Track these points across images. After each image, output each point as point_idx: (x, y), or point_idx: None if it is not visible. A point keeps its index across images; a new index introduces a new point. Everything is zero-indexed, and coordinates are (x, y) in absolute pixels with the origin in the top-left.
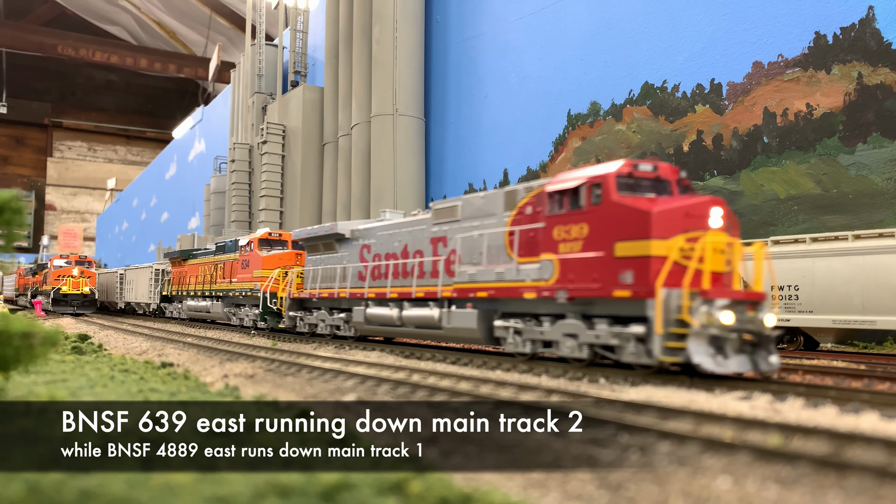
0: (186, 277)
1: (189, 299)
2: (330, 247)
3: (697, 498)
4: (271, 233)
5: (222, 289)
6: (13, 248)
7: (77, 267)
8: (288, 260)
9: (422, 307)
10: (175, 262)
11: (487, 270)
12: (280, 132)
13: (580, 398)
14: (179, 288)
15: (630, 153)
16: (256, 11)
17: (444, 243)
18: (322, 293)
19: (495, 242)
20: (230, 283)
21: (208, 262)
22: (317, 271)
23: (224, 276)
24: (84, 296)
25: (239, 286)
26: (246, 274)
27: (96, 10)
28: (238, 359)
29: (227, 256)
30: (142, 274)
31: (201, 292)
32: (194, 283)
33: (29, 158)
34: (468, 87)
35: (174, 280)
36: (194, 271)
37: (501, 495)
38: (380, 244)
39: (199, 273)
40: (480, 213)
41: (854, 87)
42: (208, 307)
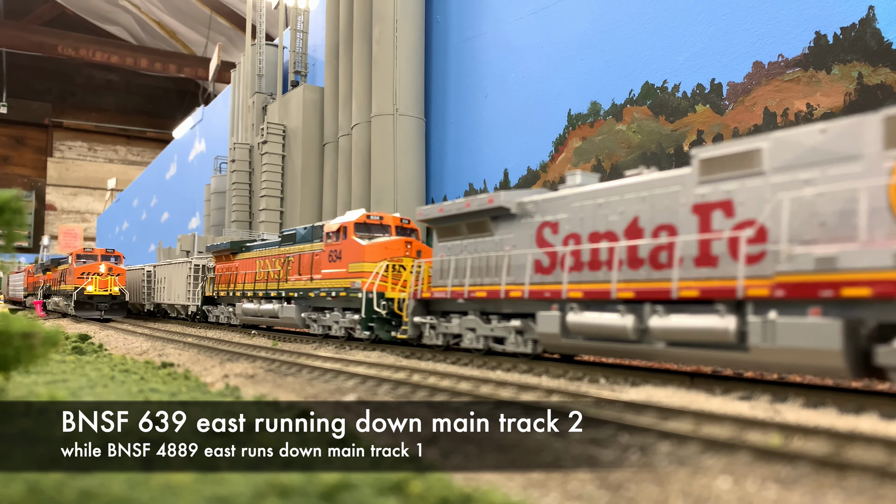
0: (238, 274)
1: (245, 301)
2: (480, 228)
3: (697, 498)
4: (370, 215)
5: (297, 288)
6: (13, 248)
7: (104, 263)
8: (396, 250)
9: (692, 314)
10: (221, 257)
11: (866, 251)
12: (280, 132)
13: (580, 398)
14: (229, 287)
15: (630, 153)
16: (256, 11)
17: (726, 211)
18: (474, 292)
19: (878, 202)
20: (309, 281)
21: (271, 256)
22: (458, 262)
23: (299, 272)
24: (113, 297)
25: (325, 284)
26: (336, 268)
27: (96, 10)
28: (238, 359)
29: (300, 247)
30: (177, 271)
31: (263, 293)
32: (250, 281)
33: (29, 158)
34: (468, 87)
35: (220, 278)
36: (248, 266)
37: (501, 495)
38: (576, 220)
39: (258, 269)
40: (818, 158)
41: (854, 87)
42: (275, 311)
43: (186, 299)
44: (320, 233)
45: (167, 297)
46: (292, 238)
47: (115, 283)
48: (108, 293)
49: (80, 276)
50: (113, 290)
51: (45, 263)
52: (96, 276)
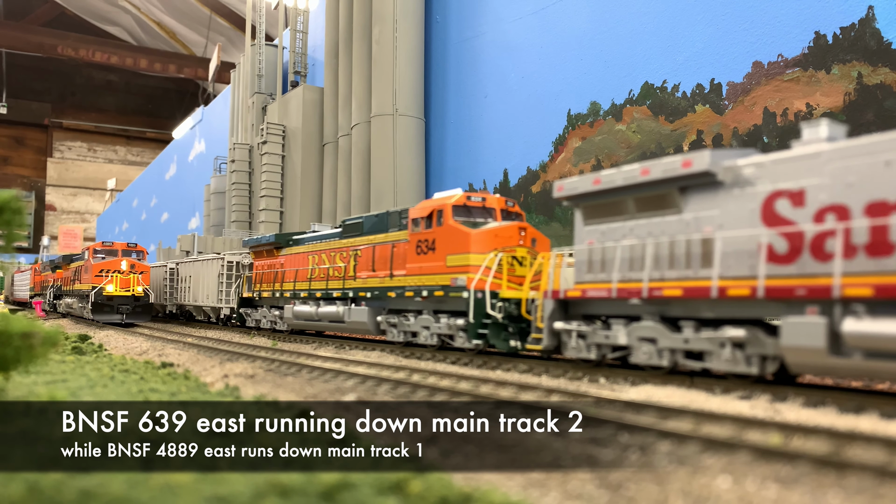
0: (284, 272)
1: (297, 303)
2: (659, 203)
3: (697, 497)
4: (470, 195)
5: (370, 286)
6: (13, 248)
7: (125, 259)
8: (509, 238)
9: None
10: (262, 253)
11: None
12: (280, 132)
13: (580, 398)
14: (273, 287)
15: (630, 153)
16: (256, 12)
17: None
18: (659, 289)
19: None
20: (388, 279)
21: (330, 250)
22: (627, 251)
23: (372, 268)
24: (136, 299)
25: (411, 282)
26: (428, 262)
27: (96, 11)
28: (238, 359)
29: (371, 238)
30: (206, 269)
31: (322, 293)
32: (303, 279)
33: (29, 159)
34: (468, 87)
35: (260, 276)
36: (298, 262)
37: (501, 495)
38: (840, 186)
39: (312, 265)
40: None
41: (854, 86)
42: (338, 314)
43: (218, 301)
44: (400, 219)
45: (193, 299)
46: (357, 228)
47: (139, 281)
48: (131, 294)
49: (98, 274)
50: (136, 290)
51: (56, 260)
52: (117, 275)
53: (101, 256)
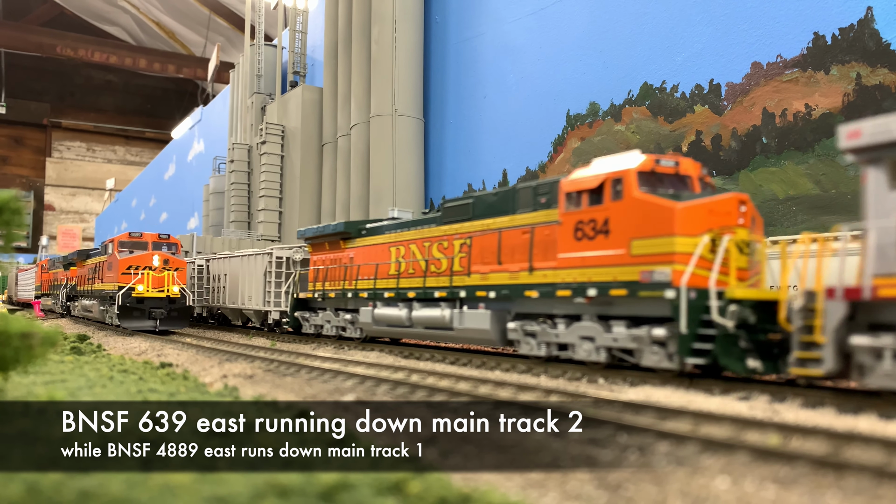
0: (356, 268)
1: (378, 305)
2: None
3: (696, 498)
4: (659, 159)
5: (494, 284)
6: (12, 248)
7: (157, 253)
8: (727, 215)
9: None
10: (323, 245)
11: None
12: (279, 132)
13: (579, 398)
14: (340, 286)
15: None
16: (255, 12)
17: None
18: None
19: None
20: (525, 274)
21: (421, 239)
22: None
23: (498, 260)
24: (171, 301)
25: (566, 277)
26: (597, 250)
27: (95, 11)
28: (237, 359)
29: (490, 223)
30: (247, 266)
31: (419, 292)
32: (384, 275)
33: (28, 159)
34: (467, 87)
35: (321, 273)
36: (376, 256)
37: (500, 495)
38: None
39: (396, 258)
40: None
41: (853, 87)
42: (443, 319)
43: (264, 303)
44: (536, 196)
45: (230, 300)
46: (465, 210)
47: (174, 279)
48: (166, 294)
49: (126, 272)
50: (171, 290)
51: (70, 256)
52: (148, 272)
53: (129, 250)
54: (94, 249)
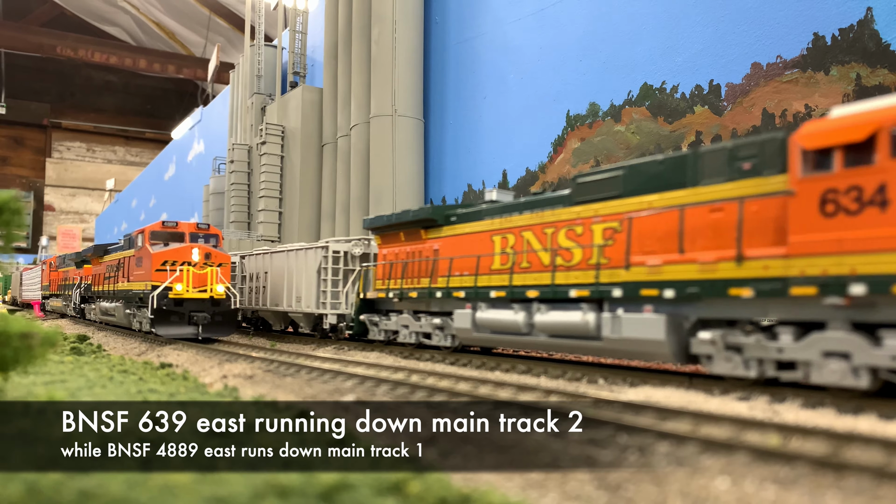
0: (449, 262)
1: (482, 307)
2: None
3: (696, 498)
4: None
5: (671, 280)
6: (12, 248)
7: (197, 246)
8: None
9: None
10: (396, 236)
11: None
12: (279, 133)
13: (579, 399)
14: (422, 284)
15: (629, 154)
16: (255, 12)
17: None
18: None
19: None
20: (730, 265)
21: (541, 225)
22: None
23: (678, 248)
24: (214, 303)
25: (810, 267)
26: (868, 228)
27: (95, 11)
28: (237, 359)
29: (656, 199)
30: (296, 262)
31: (544, 290)
32: (485, 270)
33: (28, 159)
34: (467, 87)
35: (396, 269)
36: (474, 246)
37: (500, 495)
38: None
39: (503, 249)
40: None
41: (853, 88)
42: (584, 325)
43: (317, 305)
44: (732, 162)
45: (272, 302)
46: (611, 185)
47: (219, 278)
48: (209, 295)
49: (160, 268)
50: (215, 290)
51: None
52: (188, 268)
53: (162, 242)
54: (113, 244)
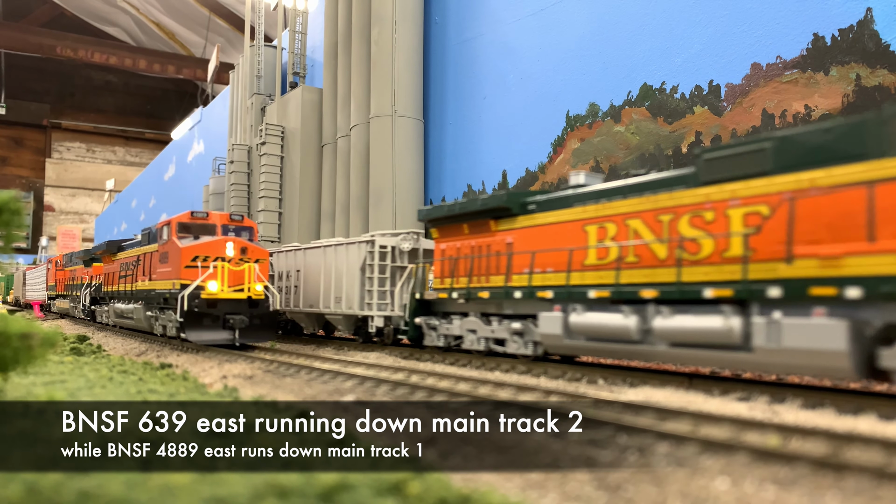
0: (515, 257)
1: (576, 309)
2: None
3: (696, 498)
4: None
5: (849, 277)
6: (12, 248)
7: (233, 240)
8: None
9: None
10: (458, 229)
11: None
12: (279, 133)
13: (579, 399)
14: (492, 283)
15: (629, 155)
16: (255, 13)
17: None
18: None
19: None
20: None
21: (644, 212)
22: None
23: (826, 237)
24: (251, 303)
25: None
26: None
27: (95, 12)
28: (237, 360)
29: (809, 178)
30: (335, 259)
31: (675, 290)
32: (578, 266)
33: (27, 159)
34: (467, 88)
35: (450, 266)
36: (562, 239)
37: (500, 496)
38: None
39: (594, 241)
40: None
41: (852, 88)
42: (728, 332)
43: (362, 306)
44: None
45: (305, 303)
46: (755, 161)
47: (257, 275)
48: (247, 296)
49: (191, 264)
50: (253, 289)
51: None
52: (222, 264)
53: (192, 235)
54: (127, 240)
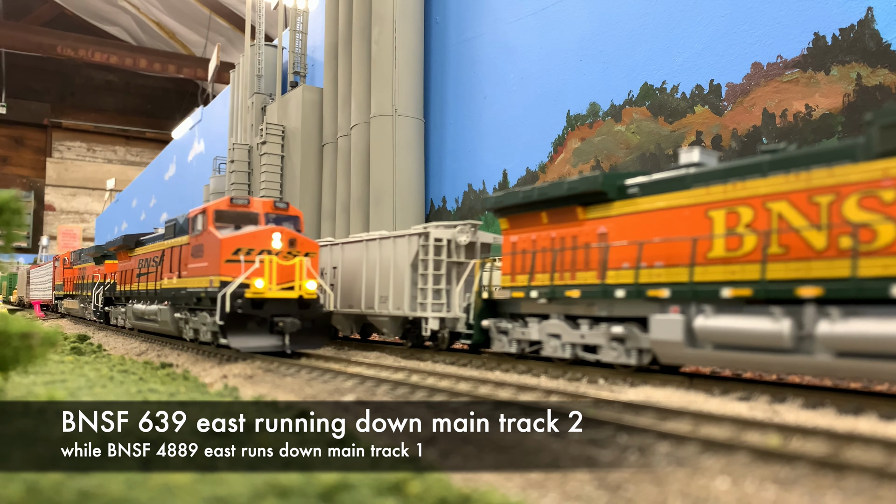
0: (614, 250)
1: (706, 310)
2: None
3: (696, 498)
4: None
5: None
6: (12, 248)
7: (280, 230)
8: None
9: None
10: (534, 218)
11: None
12: (279, 133)
13: (579, 399)
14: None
15: (629, 154)
16: (256, 12)
17: None
18: None
19: None
20: None
21: (791, 192)
22: None
23: None
24: (303, 304)
25: None
26: None
27: (96, 11)
28: (237, 359)
29: None
30: (380, 253)
31: (852, 286)
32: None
33: (28, 159)
34: (467, 87)
35: (523, 261)
36: (676, 227)
37: (500, 496)
38: None
39: (721, 229)
40: None
41: (853, 88)
42: None
43: (413, 306)
44: None
45: (343, 303)
46: None
47: (309, 271)
48: (298, 294)
49: (232, 258)
50: (304, 287)
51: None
52: (270, 258)
53: (232, 225)
54: (146, 234)
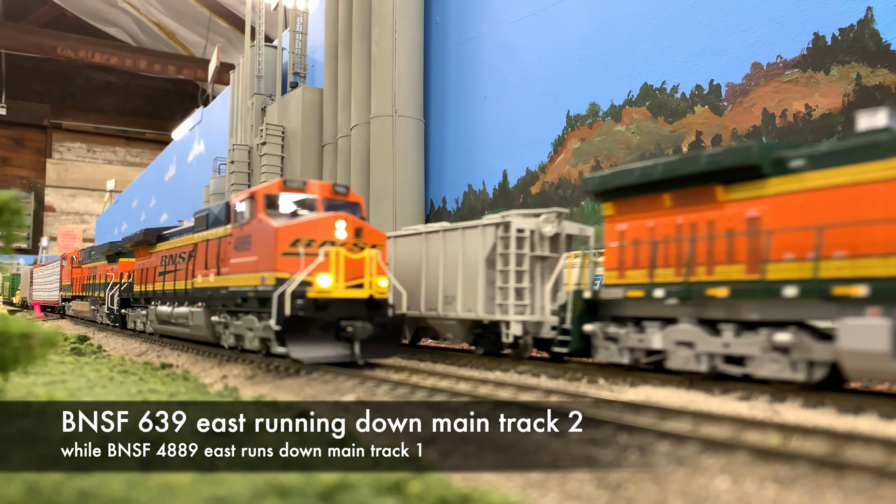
0: (777, 238)
1: None
2: None
3: (696, 498)
4: None
5: None
6: (12, 249)
7: (344, 217)
8: None
9: None
10: (649, 201)
11: None
12: (279, 133)
13: (579, 398)
14: (713, 273)
15: (629, 154)
16: (256, 13)
17: None
18: None
19: None
20: None
21: None
22: None
23: None
24: (371, 306)
25: None
26: None
27: (95, 12)
28: (237, 360)
29: None
30: (444, 247)
31: None
32: None
33: (28, 160)
34: (467, 88)
35: (634, 254)
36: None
37: (500, 495)
38: None
39: None
40: None
41: (853, 88)
42: None
43: (489, 308)
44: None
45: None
46: None
47: (379, 266)
48: (368, 294)
49: (288, 251)
50: (375, 284)
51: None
52: (335, 250)
53: (289, 213)
54: (170, 227)
